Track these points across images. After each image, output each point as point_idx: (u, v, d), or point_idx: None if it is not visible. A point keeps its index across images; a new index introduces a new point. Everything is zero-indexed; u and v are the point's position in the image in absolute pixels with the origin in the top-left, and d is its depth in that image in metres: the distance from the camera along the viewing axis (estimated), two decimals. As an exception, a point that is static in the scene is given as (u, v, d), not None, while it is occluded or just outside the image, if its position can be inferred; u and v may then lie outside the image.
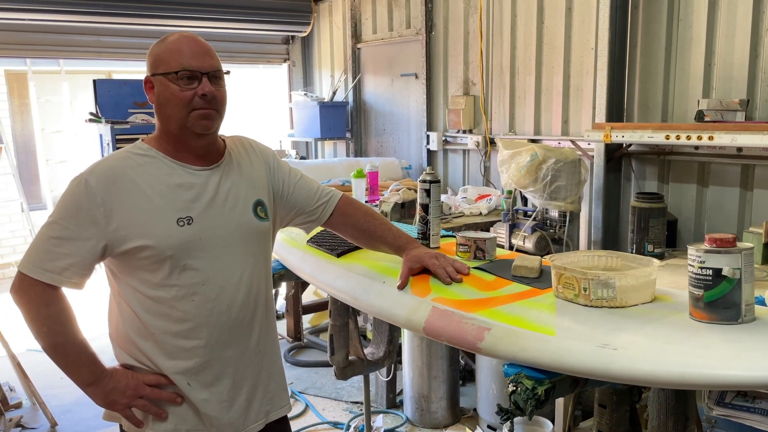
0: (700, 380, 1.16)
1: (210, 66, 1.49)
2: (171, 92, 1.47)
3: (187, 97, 1.47)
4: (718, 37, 3.04)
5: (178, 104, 1.47)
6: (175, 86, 1.47)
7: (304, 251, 2.16)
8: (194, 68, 1.47)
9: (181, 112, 1.48)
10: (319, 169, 4.71)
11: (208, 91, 1.47)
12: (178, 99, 1.47)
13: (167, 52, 1.48)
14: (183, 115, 1.48)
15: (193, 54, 1.47)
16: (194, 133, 1.50)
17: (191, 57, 1.47)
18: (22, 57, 6.04)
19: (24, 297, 1.44)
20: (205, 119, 1.49)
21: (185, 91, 1.47)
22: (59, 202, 1.47)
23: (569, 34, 3.77)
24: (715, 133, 2.74)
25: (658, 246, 2.94)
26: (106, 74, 7.12)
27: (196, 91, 1.47)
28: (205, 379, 1.54)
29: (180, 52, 1.47)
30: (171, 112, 1.49)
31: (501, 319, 1.44)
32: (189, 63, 1.46)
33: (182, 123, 1.48)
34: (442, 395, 3.40)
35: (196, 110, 1.48)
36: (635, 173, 3.47)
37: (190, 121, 1.48)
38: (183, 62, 1.46)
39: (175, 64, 1.46)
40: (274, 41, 6.41)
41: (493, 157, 4.21)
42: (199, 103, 1.47)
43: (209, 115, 1.50)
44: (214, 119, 1.51)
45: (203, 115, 1.49)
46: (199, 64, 1.47)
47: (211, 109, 1.49)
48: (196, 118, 1.48)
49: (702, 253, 1.26)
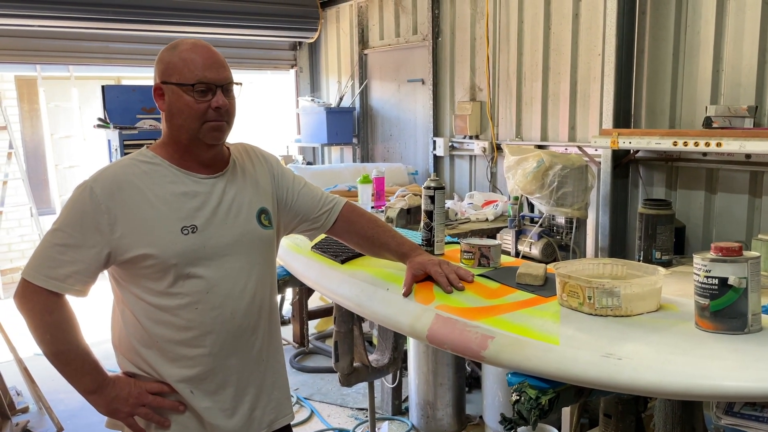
0: (705, 391, 1.15)
1: (224, 78, 1.49)
2: (185, 103, 1.47)
3: (201, 110, 1.47)
4: (727, 43, 3.02)
5: (192, 116, 1.47)
6: (189, 98, 1.46)
7: (309, 257, 2.16)
8: (210, 81, 1.46)
9: (194, 124, 1.48)
10: (326, 174, 4.71)
11: (222, 104, 1.47)
12: (192, 111, 1.47)
13: (181, 61, 1.47)
14: (196, 127, 1.48)
15: (208, 66, 1.47)
16: (205, 144, 1.51)
17: (207, 69, 1.46)
18: (32, 63, 6.08)
19: (27, 304, 1.44)
20: (217, 131, 1.50)
21: (200, 104, 1.46)
22: (64, 210, 1.47)
23: (576, 40, 3.75)
24: (723, 140, 2.72)
25: (665, 253, 2.91)
26: (115, 80, 7.16)
27: (210, 103, 1.47)
28: (208, 387, 1.53)
29: (195, 63, 1.46)
30: (183, 122, 1.49)
31: (505, 327, 1.43)
32: (205, 75, 1.46)
33: (194, 134, 1.49)
34: (447, 402, 3.38)
35: (209, 122, 1.48)
36: (643, 180, 3.45)
37: (202, 132, 1.48)
38: (198, 74, 1.46)
39: (191, 75, 1.46)
40: (282, 47, 6.43)
41: (500, 163, 4.19)
42: (213, 116, 1.48)
43: (221, 127, 1.50)
44: (225, 131, 1.52)
45: (215, 127, 1.49)
46: (215, 77, 1.47)
47: (222, 121, 1.50)
48: (208, 130, 1.49)
49: (708, 262, 1.25)
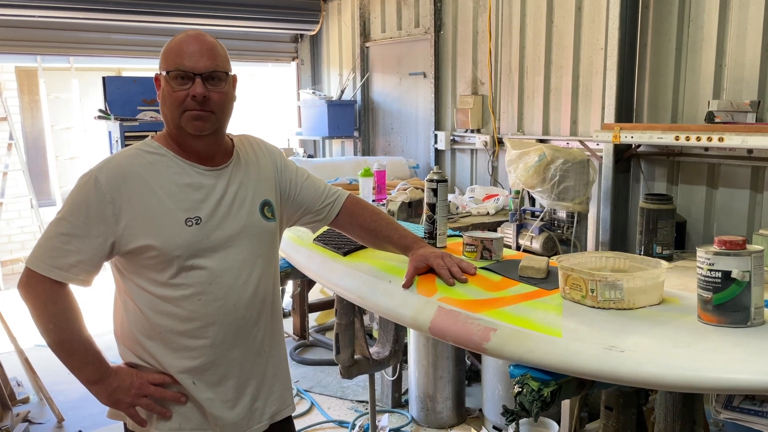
0: (707, 384, 1.15)
1: (205, 67, 1.47)
2: (167, 92, 1.48)
3: (179, 98, 1.47)
4: (730, 38, 3.01)
5: (172, 104, 1.48)
6: (169, 86, 1.47)
7: (311, 250, 2.16)
8: (187, 69, 1.46)
9: (174, 112, 1.48)
10: (326, 167, 4.71)
11: (198, 93, 1.45)
12: (171, 99, 1.48)
13: (170, 50, 1.49)
14: (176, 115, 1.48)
15: (190, 54, 1.46)
16: (189, 133, 1.50)
17: (187, 57, 1.46)
18: (32, 54, 6.06)
19: (31, 293, 1.44)
20: (197, 120, 1.48)
21: (177, 92, 1.47)
22: (68, 199, 1.47)
23: (579, 34, 3.74)
24: (726, 135, 2.71)
25: (666, 248, 2.92)
26: (115, 71, 7.14)
27: (188, 92, 1.46)
28: (210, 378, 1.54)
29: (178, 51, 1.47)
30: (166, 111, 1.50)
31: (507, 319, 1.43)
32: (182, 63, 1.46)
33: (177, 123, 1.49)
34: (447, 395, 3.40)
35: (188, 111, 1.47)
36: (644, 174, 3.45)
37: (183, 121, 1.48)
38: (177, 62, 1.46)
39: (170, 63, 1.47)
40: (283, 39, 6.41)
41: (501, 157, 4.19)
42: (191, 105, 1.47)
43: (201, 117, 1.48)
44: (208, 121, 1.49)
45: (195, 116, 1.48)
46: (193, 65, 1.46)
47: (203, 110, 1.47)
48: (188, 119, 1.48)
49: (711, 256, 1.25)
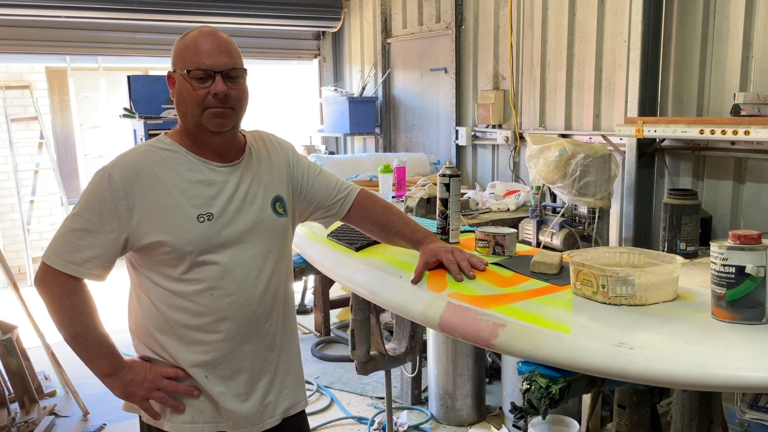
0: (720, 382, 1.12)
1: (224, 65, 1.48)
2: (186, 90, 1.49)
3: (200, 96, 1.48)
4: (756, 29, 2.93)
5: (193, 102, 1.49)
6: (188, 84, 1.48)
7: (324, 245, 2.17)
8: (207, 67, 1.47)
9: (195, 110, 1.49)
10: (347, 164, 4.71)
11: (220, 91, 1.47)
12: (192, 97, 1.48)
13: (184, 48, 1.50)
14: (197, 113, 1.49)
15: (208, 52, 1.47)
16: (209, 130, 1.51)
17: (206, 55, 1.47)
18: (62, 54, 6.20)
19: (47, 287, 1.47)
20: (219, 117, 1.50)
21: (198, 90, 1.47)
22: (83, 195, 1.50)
23: (601, 27, 3.68)
24: (752, 128, 2.64)
25: (691, 244, 2.85)
26: (143, 71, 7.25)
27: (209, 90, 1.47)
28: (223, 372, 1.55)
29: (195, 49, 1.48)
30: (186, 109, 1.51)
31: (516, 315, 1.41)
32: (202, 62, 1.47)
33: (197, 121, 1.50)
34: (467, 393, 3.38)
35: (209, 109, 1.48)
36: (669, 169, 3.38)
37: (204, 119, 1.49)
38: (197, 61, 1.47)
39: (190, 62, 1.47)
40: (305, 37, 6.44)
41: (523, 153, 4.14)
42: (212, 102, 1.48)
43: (222, 114, 1.50)
44: (229, 117, 1.51)
45: (216, 114, 1.49)
46: (213, 63, 1.47)
47: (224, 107, 1.49)
48: (209, 117, 1.49)
49: (725, 250, 1.22)
